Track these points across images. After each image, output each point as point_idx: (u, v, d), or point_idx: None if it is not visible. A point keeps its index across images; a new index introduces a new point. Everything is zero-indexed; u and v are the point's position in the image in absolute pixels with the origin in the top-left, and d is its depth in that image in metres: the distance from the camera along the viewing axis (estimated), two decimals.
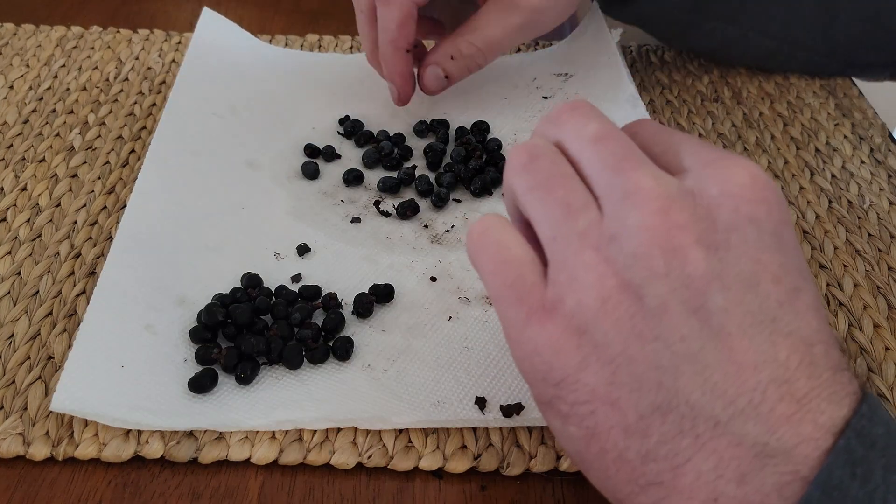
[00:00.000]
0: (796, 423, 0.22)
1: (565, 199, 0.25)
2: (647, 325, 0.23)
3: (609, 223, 0.24)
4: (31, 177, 0.46)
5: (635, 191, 0.24)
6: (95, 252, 0.41)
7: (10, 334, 0.37)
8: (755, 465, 0.22)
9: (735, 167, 0.25)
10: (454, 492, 0.32)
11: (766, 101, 0.57)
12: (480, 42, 0.46)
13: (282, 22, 0.65)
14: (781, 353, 0.23)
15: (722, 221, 0.24)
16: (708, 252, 0.23)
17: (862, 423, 0.22)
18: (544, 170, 0.26)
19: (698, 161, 0.25)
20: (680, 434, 0.23)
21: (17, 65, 0.56)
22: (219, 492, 0.31)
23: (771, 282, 0.23)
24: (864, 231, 0.46)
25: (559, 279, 0.25)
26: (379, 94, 0.54)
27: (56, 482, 0.31)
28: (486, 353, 0.36)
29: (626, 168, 0.25)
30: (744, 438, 0.22)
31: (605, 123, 0.27)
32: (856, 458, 0.22)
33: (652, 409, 0.23)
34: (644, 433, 0.23)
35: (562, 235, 0.25)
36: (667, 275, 0.23)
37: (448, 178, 0.46)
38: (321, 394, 0.34)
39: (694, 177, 0.25)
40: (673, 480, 0.23)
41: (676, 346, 0.23)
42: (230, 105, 0.51)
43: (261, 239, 0.42)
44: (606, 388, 0.24)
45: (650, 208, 0.24)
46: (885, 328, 0.39)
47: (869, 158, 0.51)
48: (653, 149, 0.27)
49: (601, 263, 0.24)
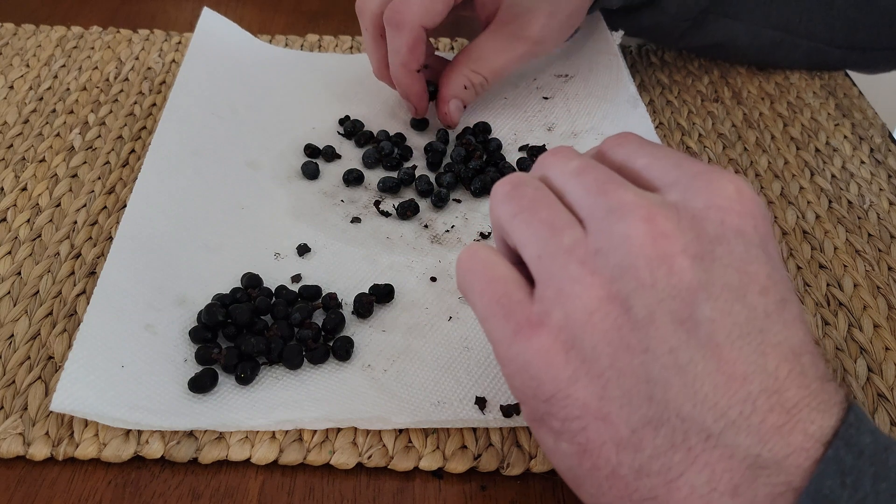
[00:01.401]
0: (787, 433, 0.22)
1: (549, 219, 0.26)
2: (634, 336, 0.23)
3: (594, 238, 0.25)
4: (31, 177, 0.46)
5: (619, 205, 0.24)
6: (95, 252, 0.41)
7: (10, 334, 0.37)
8: (748, 477, 0.22)
9: (720, 180, 0.25)
10: (454, 492, 0.32)
11: (767, 101, 0.57)
12: (487, 72, 0.48)
13: (282, 22, 0.65)
14: (771, 364, 0.23)
15: (708, 233, 0.24)
16: (694, 262, 0.23)
17: (850, 433, 0.22)
18: (528, 195, 0.27)
19: (684, 174, 0.25)
20: (672, 448, 0.23)
21: (18, 65, 0.56)
22: (219, 492, 0.31)
23: (758, 293, 0.23)
24: (864, 231, 0.46)
25: (546, 295, 0.25)
26: (379, 94, 0.54)
27: (56, 482, 0.31)
28: (486, 353, 0.36)
29: (608, 189, 0.25)
30: (735, 450, 0.22)
31: (586, 160, 0.27)
32: (845, 467, 0.22)
33: (643, 422, 0.23)
34: (636, 447, 0.23)
35: (547, 253, 0.25)
36: (653, 285, 0.23)
37: (448, 178, 0.46)
38: (321, 394, 0.34)
39: (679, 190, 0.25)
40: (667, 495, 0.23)
41: (665, 358, 0.23)
42: (230, 105, 0.51)
43: (261, 239, 0.42)
44: (597, 403, 0.24)
45: (634, 218, 0.24)
46: (885, 328, 0.39)
47: (869, 158, 0.51)
48: (636, 161, 0.27)
49: (587, 276, 0.24)
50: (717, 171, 0.25)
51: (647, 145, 0.28)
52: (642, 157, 0.27)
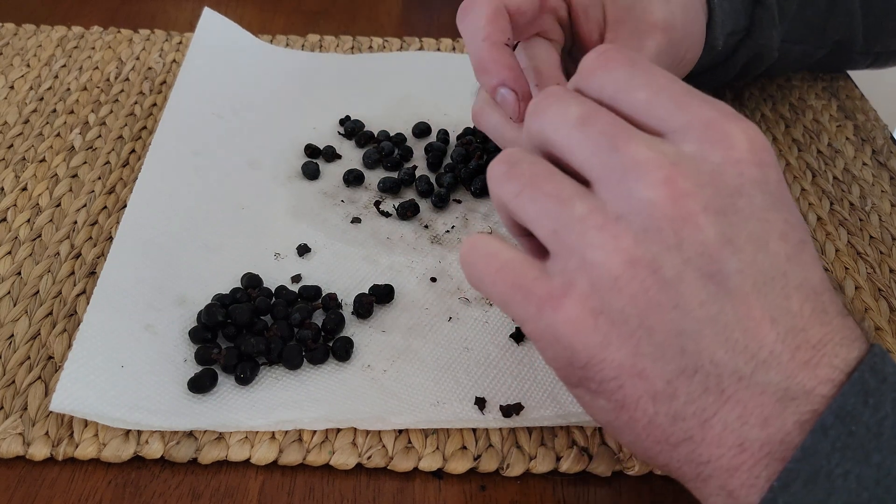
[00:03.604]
0: (814, 366, 0.24)
1: (555, 192, 0.25)
2: (664, 295, 0.24)
3: (614, 203, 0.24)
4: (31, 177, 0.46)
5: (634, 165, 0.24)
6: (95, 252, 0.41)
7: (10, 334, 0.37)
8: (777, 409, 0.23)
9: (734, 130, 0.25)
10: (454, 492, 0.32)
11: (769, 103, 0.56)
12: None
13: (282, 22, 0.65)
14: (794, 305, 0.24)
15: (727, 186, 0.24)
16: (717, 218, 0.24)
17: (874, 361, 0.24)
18: (526, 172, 0.26)
19: (694, 120, 0.25)
20: (706, 392, 0.24)
21: (18, 65, 0.56)
22: (219, 492, 0.31)
23: (779, 239, 0.24)
24: (866, 233, 0.45)
25: (568, 266, 0.25)
26: (379, 94, 0.54)
27: (56, 482, 0.31)
28: (486, 353, 0.36)
29: (619, 145, 0.24)
30: (767, 387, 0.23)
31: (584, 103, 0.26)
32: (869, 388, 0.23)
33: (677, 373, 0.24)
34: (672, 396, 0.24)
35: (562, 226, 0.25)
36: (678, 245, 0.23)
37: (448, 178, 0.46)
38: (321, 394, 0.34)
39: (693, 140, 0.25)
40: (701, 434, 0.24)
41: (696, 312, 0.23)
42: (230, 105, 0.51)
43: (261, 239, 0.42)
44: (632, 361, 0.24)
45: (653, 179, 0.24)
46: (887, 331, 0.39)
47: (871, 160, 0.51)
48: (635, 95, 0.26)
49: (609, 241, 0.24)
50: (728, 119, 0.25)
51: (638, 70, 0.26)
52: (638, 89, 0.26)
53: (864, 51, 0.54)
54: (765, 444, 0.23)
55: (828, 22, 0.51)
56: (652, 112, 0.25)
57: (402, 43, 0.61)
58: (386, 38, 0.62)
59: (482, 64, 0.36)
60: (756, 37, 0.48)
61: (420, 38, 0.62)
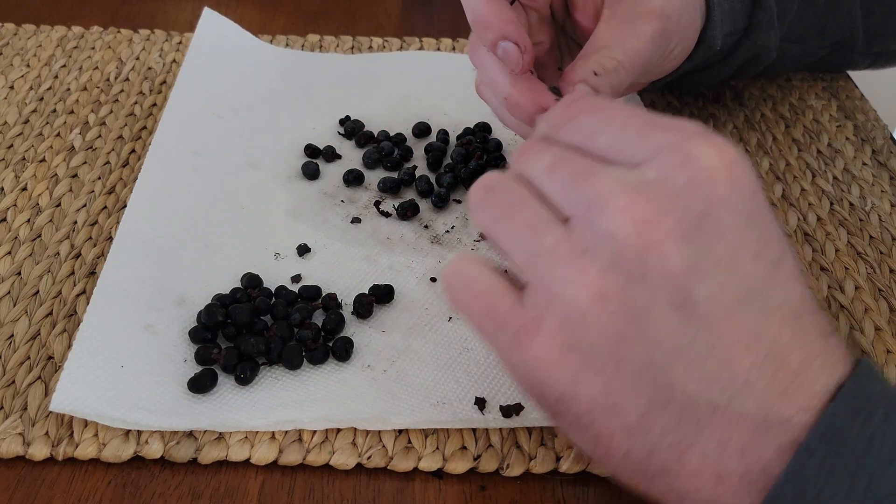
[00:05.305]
0: (792, 394, 0.23)
1: (526, 221, 0.25)
2: (633, 328, 0.23)
3: (579, 236, 0.24)
4: (31, 177, 0.46)
5: (597, 198, 0.24)
6: (95, 252, 0.41)
7: (10, 334, 0.37)
8: (755, 438, 0.23)
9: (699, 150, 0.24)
10: (454, 492, 0.32)
11: (769, 103, 0.56)
12: (620, 55, 0.38)
13: (282, 22, 0.65)
14: (772, 328, 0.23)
15: (692, 209, 0.23)
16: (682, 244, 0.23)
17: (860, 381, 0.23)
18: (501, 199, 0.26)
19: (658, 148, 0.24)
20: (680, 424, 0.23)
21: (18, 65, 0.56)
22: (219, 492, 0.31)
23: (752, 259, 0.23)
24: (866, 233, 0.45)
25: (538, 300, 0.25)
26: (379, 94, 0.54)
27: (56, 482, 0.31)
28: (486, 353, 0.36)
29: (581, 182, 0.25)
30: (743, 417, 0.23)
31: (557, 153, 0.26)
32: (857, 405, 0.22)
33: (650, 406, 0.23)
34: (646, 430, 0.24)
35: (531, 258, 0.25)
36: (644, 275, 0.23)
37: (448, 178, 0.46)
38: (321, 394, 0.34)
39: (657, 166, 0.24)
40: (678, 465, 0.24)
41: (665, 344, 0.23)
42: (230, 105, 0.51)
43: (261, 239, 0.42)
44: (603, 397, 0.24)
45: (614, 209, 0.23)
46: (887, 331, 0.39)
47: (871, 160, 0.51)
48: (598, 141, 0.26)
49: (576, 276, 0.24)
50: (692, 140, 0.24)
51: (600, 115, 0.26)
52: (602, 133, 0.26)
53: (864, 51, 0.54)
54: (744, 474, 0.23)
55: (827, 22, 0.51)
56: (618, 151, 0.25)
57: (401, 43, 0.61)
58: (386, 38, 0.62)
59: (483, 18, 0.35)
60: (754, 38, 0.48)
61: (420, 38, 0.62)
